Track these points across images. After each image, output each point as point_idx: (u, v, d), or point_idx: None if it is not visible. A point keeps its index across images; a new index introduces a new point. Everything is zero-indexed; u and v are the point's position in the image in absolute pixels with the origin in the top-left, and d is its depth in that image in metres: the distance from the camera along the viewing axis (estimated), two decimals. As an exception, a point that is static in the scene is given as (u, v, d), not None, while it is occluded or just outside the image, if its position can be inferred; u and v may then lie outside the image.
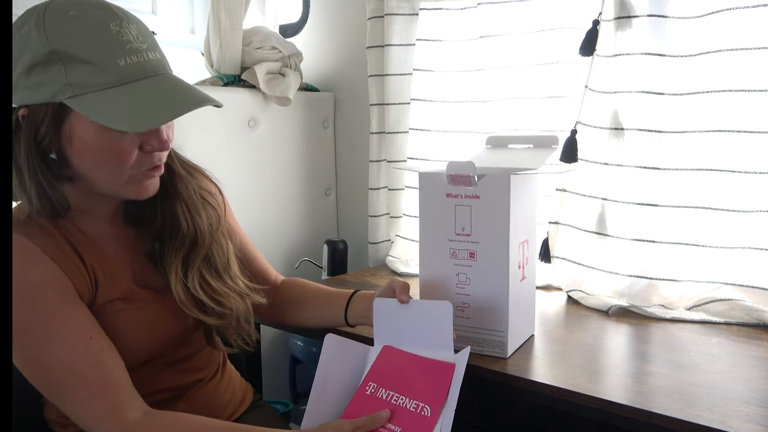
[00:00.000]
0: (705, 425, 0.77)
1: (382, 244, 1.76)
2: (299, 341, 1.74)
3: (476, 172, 0.96)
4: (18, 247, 0.80)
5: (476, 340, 1.01)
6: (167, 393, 0.94)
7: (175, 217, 0.93)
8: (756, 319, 1.16)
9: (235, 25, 1.69)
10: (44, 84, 0.77)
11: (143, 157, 0.84)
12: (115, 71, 0.77)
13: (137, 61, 0.79)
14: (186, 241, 0.93)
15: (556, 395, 0.89)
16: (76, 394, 0.80)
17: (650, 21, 1.23)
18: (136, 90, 0.78)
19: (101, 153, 0.81)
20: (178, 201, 0.93)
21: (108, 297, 0.86)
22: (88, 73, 0.77)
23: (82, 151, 0.81)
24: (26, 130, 0.79)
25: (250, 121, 1.71)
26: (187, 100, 0.81)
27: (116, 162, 0.82)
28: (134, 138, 0.82)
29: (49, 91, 0.77)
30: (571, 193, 1.36)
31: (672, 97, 1.24)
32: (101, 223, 0.90)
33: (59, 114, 0.78)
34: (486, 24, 1.48)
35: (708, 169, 1.21)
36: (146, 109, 0.78)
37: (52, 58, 0.76)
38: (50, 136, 0.79)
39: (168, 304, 0.92)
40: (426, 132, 1.62)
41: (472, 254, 0.99)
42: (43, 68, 0.77)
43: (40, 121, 0.78)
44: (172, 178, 0.93)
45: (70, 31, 0.77)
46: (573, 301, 1.33)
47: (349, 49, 1.87)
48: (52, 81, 0.77)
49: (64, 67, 0.76)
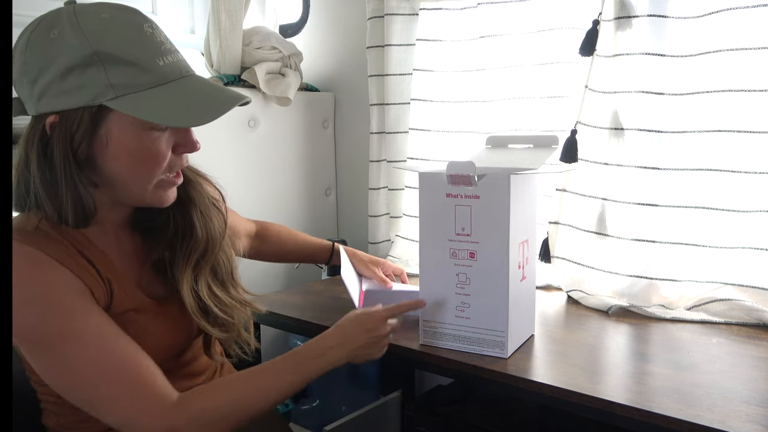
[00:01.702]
0: (705, 425, 0.77)
1: (382, 244, 1.76)
2: (299, 341, 1.74)
3: (476, 172, 0.96)
4: (32, 258, 0.78)
5: (476, 340, 1.01)
6: None
7: (190, 222, 0.92)
8: (756, 319, 1.16)
9: (235, 25, 1.68)
10: (83, 87, 0.75)
11: (173, 160, 0.84)
12: (156, 71, 0.78)
13: (173, 62, 0.80)
14: (199, 246, 0.93)
15: (556, 395, 0.89)
16: (114, 393, 0.79)
17: (650, 21, 1.23)
18: (178, 89, 0.79)
19: (138, 155, 0.80)
20: (192, 207, 0.93)
21: (122, 308, 0.85)
22: (131, 73, 0.76)
23: (118, 154, 0.80)
24: (60, 137, 0.77)
25: (250, 121, 1.71)
26: (228, 98, 0.82)
27: (151, 164, 0.81)
28: (169, 139, 0.82)
29: (88, 93, 0.76)
30: (571, 193, 1.36)
31: (672, 97, 1.24)
32: (109, 234, 0.89)
33: (96, 118, 0.77)
34: (486, 24, 1.48)
35: (708, 169, 1.21)
36: (192, 106, 0.79)
37: (92, 60, 0.75)
38: (86, 142, 0.78)
39: (171, 313, 0.92)
40: (426, 132, 1.62)
41: (472, 254, 0.99)
42: (82, 70, 0.75)
43: (75, 127, 0.77)
44: (185, 184, 0.92)
45: (109, 33, 0.76)
46: (573, 301, 1.33)
47: (349, 49, 1.87)
48: (92, 83, 0.75)
49: (105, 68, 0.75)
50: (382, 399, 1.63)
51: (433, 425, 1.30)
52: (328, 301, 1.36)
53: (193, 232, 0.92)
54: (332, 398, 1.70)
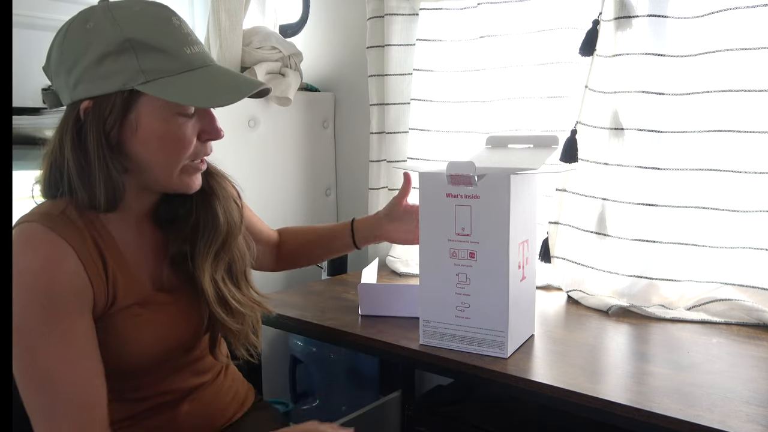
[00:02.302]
0: (705, 425, 0.77)
1: (382, 244, 1.75)
2: (299, 341, 1.74)
3: (476, 172, 0.96)
4: (48, 242, 0.80)
5: (476, 340, 1.01)
6: (173, 395, 0.94)
7: (213, 212, 0.94)
8: (756, 319, 1.16)
9: (235, 25, 1.69)
10: (117, 73, 0.80)
11: (199, 147, 0.87)
12: (183, 59, 0.82)
13: (198, 51, 0.85)
14: (220, 237, 0.95)
15: (556, 395, 0.89)
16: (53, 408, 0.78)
17: (650, 21, 1.23)
18: (204, 75, 0.84)
19: (165, 140, 0.84)
20: (215, 198, 0.95)
21: (126, 302, 0.86)
22: (161, 60, 0.81)
23: (146, 139, 0.83)
24: (93, 121, 0.81)
25: (250, 121, 1.71)
26: (250, 82, 0.87)
27: (178, 149, 0.85)
28: (195, 126, 0.86)
29: (121, 79, 0.80)
30: (571, 193, 1.36)
31: (672, 97, 1.24)
32: (130, 225, 0.90)
33: (127, 102, 0.81)
34: (486, 24, 1.48)
35: (708, 169, 1.21)
36: (217, 89, 0.83)
37: (125, 46, 0.79)
38: (117, 126, 0.82)
39: (182, 306, 0.93)
40: (426, 132, 1.62)
41: (472, 254, 0.99)
42: (116, 57, 0.80)
43: (108, 111, 0.81)
44: (208, 176, 0.95)
45: (141, 23, 0.81)
46: (573, 301, 1.33)
47: (349, 49, 1.87)
48: (125, 69, 0.80)
49: (136, 54, 0.80)
50: (382, 399, 1.63)
51: (433, 425, 1.30)
52: (329, 301, 1.36)
53: (216, 222, 0.94)
54: (332, 398, 1.70)
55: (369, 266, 1.36)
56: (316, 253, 1.28)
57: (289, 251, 1.25)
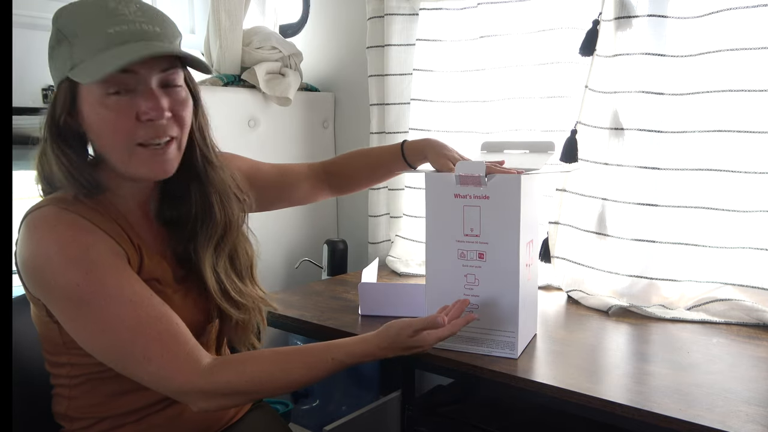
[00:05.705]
0: (705, 425, 0.77)
1: (382, 244, 1.76)
2: (299, 341, 1.74)
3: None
4: (73, 223, 0.82)
5: (485, 341, 1.01)
6: None
7: (208, 203, 0.94)
8: (756, 319, 1.16)
9: (235, 25, 1.69)
10: (58, 65, 0.83)
11: (143, 128, 0.83)
12: (103, 38, 0.80)
13: (126, 29, 0.81)
14: (218, 229, 0.95)
15: (557, 395, 0.89)
16: (149, 350, 0.81)
17: (650, 21, 1.23)
18: (121, 52, 0.79)
19: (103, 124, 0.83)
20: (211, 189, 0.95)
21: (149, 275, 0.88)
22: (85, 44, 0.81)
23: (91, 126, 0.84)
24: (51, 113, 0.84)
25: (250, 121, 1.71)
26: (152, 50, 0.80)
27: (116, 132, 0.83)
28: (132, 105, 0.82)
29: (61, 69, 0.82)
30: (571, 193, 1.36)
31: (672, 97, 1.24)
32: (135, 209, 0.92)
33: (72, 92, 0.83)
34: (486, 24, 1.48)
35: (708, 169, 1.21)
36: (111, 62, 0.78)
37: (59, 37, 0.82)
38: (66, 115, 0.83)
39: (192, 294, 0.94)
40: (426, 132, 1.62)
41: (482, 255, 0.98)
42: (57, 48, 0.83)
43: (60, 102, 0.83)
44: (205, 166, 0.95)
45: (74, 11, 0.83)
46: (573, 301, 1.33)
47: (349, 49, 1.87)
48: (61, 59, 0.82)
49: (69, 43, 0.81)
50: (382, 399, 1.63)
51: (433, 425, 1.30)
52: (329, 301, 1.36)
53: (212, 215, 0.94)
54: (332, 398, 1.70)
55: (369, 266, 1.36)
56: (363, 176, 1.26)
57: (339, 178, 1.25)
